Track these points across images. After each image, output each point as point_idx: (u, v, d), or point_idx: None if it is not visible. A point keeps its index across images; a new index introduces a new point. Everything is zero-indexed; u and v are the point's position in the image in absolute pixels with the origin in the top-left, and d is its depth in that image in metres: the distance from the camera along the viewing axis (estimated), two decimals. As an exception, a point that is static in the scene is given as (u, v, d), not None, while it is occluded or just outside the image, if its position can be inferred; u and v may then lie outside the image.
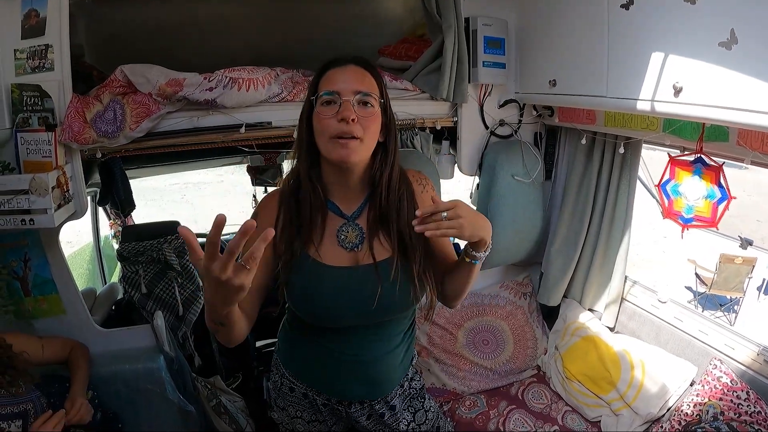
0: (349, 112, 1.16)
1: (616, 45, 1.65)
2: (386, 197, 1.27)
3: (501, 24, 2.12)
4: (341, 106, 1.17)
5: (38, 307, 1.93)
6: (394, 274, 1.26)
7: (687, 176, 1.79)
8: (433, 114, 2.19)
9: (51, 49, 1.68)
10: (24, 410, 1.52)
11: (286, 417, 1.53)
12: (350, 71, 1.22)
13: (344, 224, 1.31)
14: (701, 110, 1.38)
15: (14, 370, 1.55)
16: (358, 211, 1.32)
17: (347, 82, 1.19)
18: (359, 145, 1.19)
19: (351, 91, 1.18)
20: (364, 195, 1.32)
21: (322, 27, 2.54)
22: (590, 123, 2.04)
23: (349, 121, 1.15)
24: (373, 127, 1.22)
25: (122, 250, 2.16)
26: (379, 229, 1.30)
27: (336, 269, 1.28)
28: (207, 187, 11.66)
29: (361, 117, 1.18)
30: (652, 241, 7.37)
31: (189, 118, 1.86)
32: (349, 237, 1.30)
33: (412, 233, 1.24)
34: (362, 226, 1.31)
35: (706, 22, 1.33)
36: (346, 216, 1.31)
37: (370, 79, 1.23)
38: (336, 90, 1.18)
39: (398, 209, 1.28)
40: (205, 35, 2.40)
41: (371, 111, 1.20)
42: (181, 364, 2.07)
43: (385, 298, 1.27)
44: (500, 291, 2.51)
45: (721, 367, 1.86)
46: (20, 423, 1.49)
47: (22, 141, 1.65)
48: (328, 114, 1.18)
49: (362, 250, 1.30)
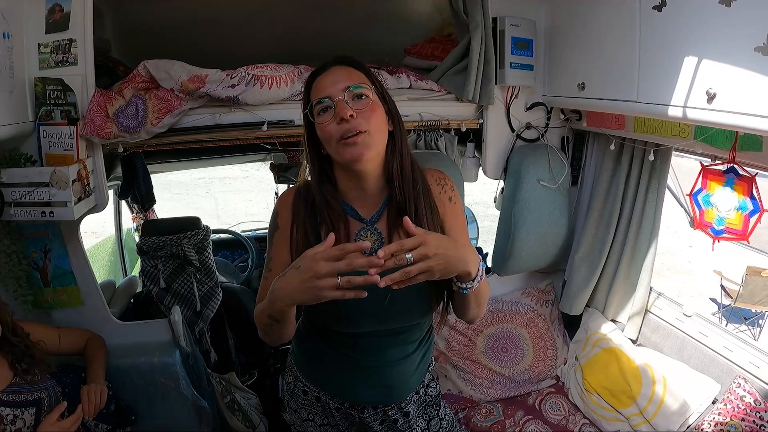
0: (346, 109, 1.14)
1: (647, 48, 1.61)
2: (402, 188, 1.23)
3: (529, 25, 2.08)
4: (336, 108, 1.15)
5: (57, 298, 1.96)
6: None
7: (719, 187, 1.74)
8: (459, 115, 2.17)
9: (75, 43, 1.70)
10: (38, 398, 1.54)
11: (299, 419, 1.51)
12: (335, 73, 1.20)
13: (362, 228, 1.27)
14: (735, 118, 1.33)
15: (31, 359, 1.57)
16: (377, 215, 1.28)
17: (335, 82, 1.18)
18: (368, 137, 1.16)
19: (340, 89, 1.16)
20: (383, 199, 1.28)
21: (347, 24, 2.52)
22: (619, 128, 1.99)
23: (348, 117, 1.14)
24: (376, 116, 1.19)
25: (142, 245, 2.17)
26: (399, 231, 1.24)
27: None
28: (232, 182, 11.74)
29: (359, 110, 1.16)
30: (677, 250, 7.21)
31: (211, 114, 1.87)
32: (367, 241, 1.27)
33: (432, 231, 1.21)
34: (381, 231, 1.27)
35: (741, 25, 1.28)
36: (365, 220, 1.28)
37: (357, 73, 1.21)
38: (326, 95, 1.17)
39: (416, 203, 1.24)
40: (230, 31, 2.40)
41: (367, 101, 1.18)
42: (196, 359, 2.08)
43: (404, 304, 1.24)
44: (522, 298, 2.47)
45: (744, 386, 1.80)
46: (34, 411, 1.51)
47: (44, 134, 1.68)
48: (326, 120, 1.17)
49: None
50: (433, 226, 1.25)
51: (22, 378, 1.53)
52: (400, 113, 1.29)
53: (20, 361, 1.54)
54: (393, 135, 1.24)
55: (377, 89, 1.23)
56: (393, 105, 1.27)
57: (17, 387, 1.52)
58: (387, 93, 1.27)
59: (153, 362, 1.98)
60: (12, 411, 1.46)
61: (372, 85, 1.22)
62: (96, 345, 1.88)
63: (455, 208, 1.35)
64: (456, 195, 1.36)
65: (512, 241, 2.23)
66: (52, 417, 1.50)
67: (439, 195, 1.32)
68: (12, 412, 1.46)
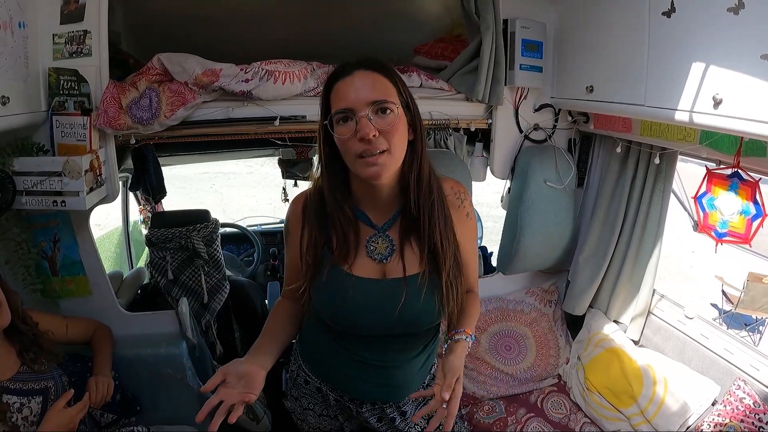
0: (368, 128, 1.08)
1: (656, 53, 1.62)
2: (417, 199, 1.20)
3: (539, 27, 2.10)
4: (358, 124, 1.09)
5: (65, 287, 1.98)
6: (424, 286, 1.22)
7: (723, 191, 1.76)
8: (468, 115, 2.19)
9: (89, 35, 1.71)
10: (45, 387, 1.55)
11: (299, 408, 1.53)
12: (358, 79, 1.12)
13: (374, 235, 1.26)
14: (740, 123, 1.35)
15: (38, 348, 1.58)
16: (389, 222, 1.27)
17: (358, 92, 1.10)
18: (387, 157, 1.11)
19: (364, 103, 1.09)
20: (397, 206, 1.26)
21: (359, 22, 2.53)
22: (626, 131, 2.01)
23: (370, 138, 1.08)
24: (399, 134, 1.13)
25: (151, 236, 2.18)
26: (411, 240, 1.24)
27: (364, 280, 1.24)
28: (236, 177, 11.76)
29: (382, 128, 1.09)
30: (679, 254, 7.22)
31: (224, 108, 1.89)
32: (378, 248, 1.26)
33: (444, 242, 1.21)
34: (393, 238, 1.26)
35: (749, 33, 1.30)
36: (377, 227, 1.27)
37: (383, 81, 1.13)
38: (348, 107, 1.10)
39: (430, 214, 1.21)
40: (241, 26, 2.41)
41: (392, 119, 1.11)
42: (202, 351, 2.10)
43: (412, 312, 1.24)
44: (526, 297, 2.49)
45: (744, 387, 1.82)
46: (40, 399, 1.52)
47: (57, 124, 1.69)
48: (346, 134, 1.10)
49: (391, 262, 1.25)
50: (445, 235, 1.23)
51: (30, 367, 1.54)
52: None
53: (28, 350, 1.56)
54: (413, 143, 1.19)
55: (402, 99, 1.16)
56: (417, 114, 1.20)
57: (24, 376, 1.52)
58: (413, 100, 1.19)
59: (159, 353, 2.00)
60: (19, 399, 1.47)
61: (397, 94, 1.15)
62: (103, 335, 1.89)
63: (470, 222, 1.35)
64: (472, 210, 1.36)
65: (518, 240, 2.24)
66: (59, 404, 1.50)
67: (458, 209, 1.31)
68: (19, 400, 1.47)
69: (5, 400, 1.44)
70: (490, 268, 2.96)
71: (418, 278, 1.23)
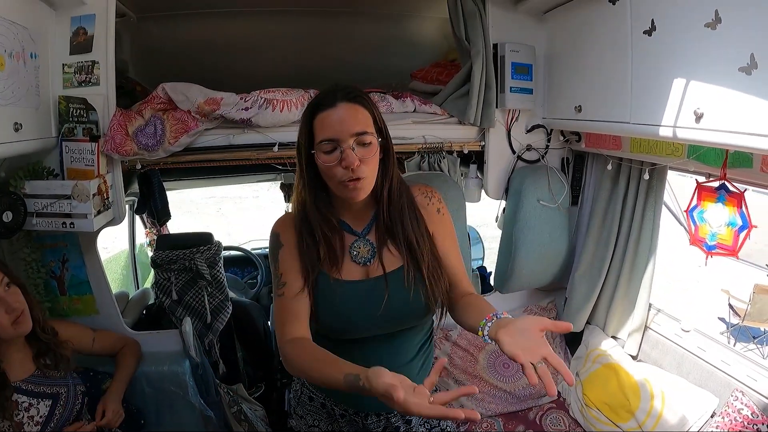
0: (352, 158, 1.18)
1: (639, 71, 1.67)
2: (388, 209, 1.31)
3: (529, 50, 2.15)
4: (343, 154, 1.19)
5: (73, 306, 2.03)
6: (406, 281, 1.30)
7: (711, 203, 1.79)
8: (461, 138, 2.23)
9: (97, 65, 1.79)
10: (56, 393, 1.62)
11: (304, 425, 1.56)
12: (342, 111, 1.21)
13: (356, 240, 1.35)
14: (722, 136, 1.38)
15: (54, 355, 1.65)
16: (368, 227, 1.36)
17: (343, 124, 1.19)
18: (365, 182, 1.23)
19: (349, 134, 1.19)
20: (372, 211, 1.36)
21: (356, 48, 2.61)
22: (616, 149, 2.05)
23: (354, 167, 1.18)
24: (375, 160, 1.24)
25: (156, 258, 2.24)
26: (387, 241, 1.34)
27: (350, 283, 1.32)
28: (243, 202, 11.90)
29: (363, 157, 1.20)
30: (686, 269, 7.17)
31: (225, 135, 1.95)
32: (361, 252, 1.35)
33: (419, 239, 1.31)
34: (373, 242, 1.36)
35: (726, 47, 1.33)
36: (357, 233, 1.36)
37: (363, 113, 1.23)
38: (334, 137, 1.19)
39: (401, 218, 1.32)
40: (243, 53, 2.50)
41: (372, 149, 1.22)
42: (205, 369, 2.13)
43: (400, 306, 1.31)
44: (524, 315, 2.49)
45: (742, 399, 1.83)
46: (50, 403, 1.59)
47: (66, 149, 1.77)
48: (331, 161, 1.20)
49: (374, 263, 1.34)
50: (419, 233, 1.33)
51: (43, 372, 1.62)
52: (406, 135, 1.35)
53: (44, 356, 1.63)
54: (384, 161, 1.29)
55: (377, 125, 1.26)
56: (388, 135, 1.30)
57: (37, 379, 1.60)
58: (384, 124, 1.29)
59: (163, 370, 2.05)
60: (28, 399, 1.55)
61: (373, 122, 1.25)
62: (129, 352, 1.96)
63: (443, 219, 1.42)
64: (444, 207, 1.43)
65: (513, 259, 2.28)
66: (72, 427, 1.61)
67: (427, 206, 1.40)
68: (28, 400, 1.54)
69: (15, 398, 1.51)
70: (488, 287, 2.98)
71: (401, 273, 1.32)
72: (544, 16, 2.18)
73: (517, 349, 1.01)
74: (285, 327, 1.28)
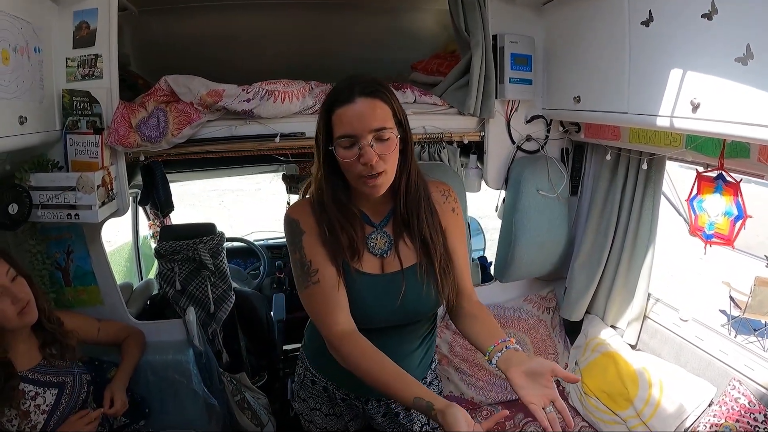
0: (371, 155, 1.17)
1: (636, 61, 1.68)
2: (405, 201, 1.31)
3: (528, 41, 2.16)
4: (361, 150, 1.18)
5: (77, 297, 2.06)
6: (419, 275, 1.33)
7: (709, 193, 1.80)
8: (461, 128, 2.25)
9: (100, 58, 1.81)
10: (62, 382, 1.64)
11: (306, 408, 1.60)
12: (360, 107, 1.19)
13: (373, 232, 1.36)
14: (719, 126, 1.40)
15: (60, 345, 1.67)
16: (385, 219, 1.37)
17: (362, 120, 1.18)
18: (385, 176, 1.23)
19: (367, 130, 1.18)
20: (391, 204, 1.36)
21: (357, 40, 2.62)
22: (615, 139, 2.07)
23: (373, 163, 1.18)
24: (394, 155, 1.23)
25: (160, 248, 2.26)
26: (404, 234, 1.35)
27: (368, 276, 1.33)
28: (244, 194, 11.90)
29: (382, 153, 1.19)
30: (685, 261, 7.16)
31: (227, 126, 1.97)
32: (378, 244, 1.35)
33: (433, 234, 1.32)
34: (390, 234, 1.36)
35: (722, 37, 1.34)
36: (375, 224, 1.37)
37: (382, 107, 1.21)
38: (352, 133, 1.18)
39: (417, 211, 1.32)
40: (243, 47, 2.51)
41: (390, 144, 1.21)
42: (209, 358, 2.16)
43: (413, 301, 1.34)
44: (523, 304, 2.54)
45: (739, 388, 1.84)
46: (56, 392, 1.62)
47: (71, 142, 1.79)
48: (350, 157, 1.20)
49: (389, 256, 1.35)
50: (434, 228, 1.35)
51: (49, 361, 1.64)
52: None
53: (50, 346, 1.66)
54: (403, 152, 1.28)
55: (397, 118, 1.24)
56: (407, 127, 1.29)
57: (44, 368, 1.62)
58: (405, 116, 1.27)
59: (167, 359, 2.07)
60: (35, 388, 1.57)
61: (393, 115, 1.23)
62: (134, 342, 1.99)
63: (457, 219, 1.44)
64: (459, 207, 1.45)
65: (513, 249, 2.30)
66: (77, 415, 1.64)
67: (443, 204, 1.41)
68: (35, 389, 1.57)
69: (21, 387, 1.54)
70: (489, 277, 3.00)
71: (416, 269, 1.34)
72: (543, 8, 2.19)
73: (532, 398, 1.12)
74: (330, 317, 1.28)
